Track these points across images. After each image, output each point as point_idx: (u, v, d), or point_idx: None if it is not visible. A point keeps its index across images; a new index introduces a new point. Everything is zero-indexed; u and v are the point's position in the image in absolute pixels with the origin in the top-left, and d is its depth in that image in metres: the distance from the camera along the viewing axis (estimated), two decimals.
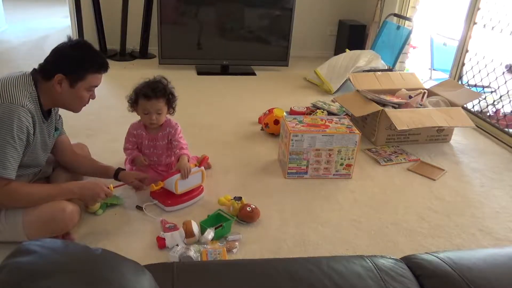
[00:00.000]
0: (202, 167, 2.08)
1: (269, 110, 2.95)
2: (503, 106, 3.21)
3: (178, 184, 1.96)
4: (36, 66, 1.69)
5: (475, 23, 3.32)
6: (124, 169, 2.06)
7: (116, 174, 2.00)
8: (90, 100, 1.76)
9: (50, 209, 1.61)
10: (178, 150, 2.10)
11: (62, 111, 1.86)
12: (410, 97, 2.97)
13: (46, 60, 1.65)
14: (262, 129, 2.97)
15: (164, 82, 2.07)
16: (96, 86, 1.72)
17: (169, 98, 2.07)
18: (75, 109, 1.76)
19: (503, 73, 3.25)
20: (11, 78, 1.58)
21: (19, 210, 1.62)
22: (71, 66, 1.62)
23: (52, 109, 1.77)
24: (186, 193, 2.03)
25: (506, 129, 3.08)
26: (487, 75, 3.29)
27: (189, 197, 2.04)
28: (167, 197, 2.00)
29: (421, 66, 4.70)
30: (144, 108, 2.05)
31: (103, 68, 1.70)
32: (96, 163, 2.06)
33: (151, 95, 2.01)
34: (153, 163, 2.20)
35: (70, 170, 2.01)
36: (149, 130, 2.15)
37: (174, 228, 1.82)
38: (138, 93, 2.04)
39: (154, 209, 2.02)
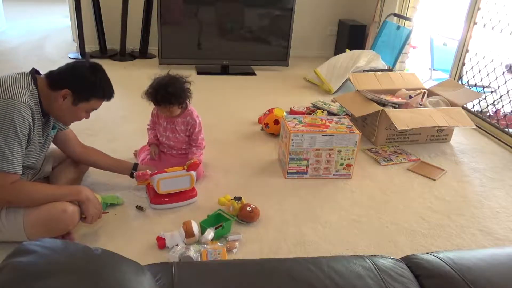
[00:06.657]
0: (192, 172, 2.03)
1: (269, 110, 2.95)
2: (503, 106, 3.21)
3: (160, 184, 1.96)
4: (36, 66, 1.69)
5: (475, 23, 3.32)
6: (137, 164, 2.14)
7: (132, 174, 2.08)
8: None
9: (51, 209, 1.61)
10: (194, 148, 2.24)
11: None
12: (410, 97, 2.97)
13: (60, 71, 1.67)
14: (262, 129, 2.97)
15: (172, 89, 2.05)
16: (95, 109, 1.79)
17: (179, 101, 2.10)
18: (66, 123, 1.83)
19: (503, 73, 3.25)
20: (11, 77, 1.59)
21: (19, 210, 1.61)
22: (81, 86, 1.67)
23: None
24: (175, 194, 2.02)
25: (506, 129, 3.08)
26: (487, 75, 3.29)
27: (177, 198, 2.03)
28: (156, 194, 2.00)
29: (421, 66, 4.70)
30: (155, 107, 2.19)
31: (109, 97, 1.78)
32: (108, 156, 2.11)
33: (158, 103, 2.09)
34: (170, 147, 2.27)
35: (80, 162, 2.05)
36: None
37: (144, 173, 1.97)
38: (147, 96, 2.09)
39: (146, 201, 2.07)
